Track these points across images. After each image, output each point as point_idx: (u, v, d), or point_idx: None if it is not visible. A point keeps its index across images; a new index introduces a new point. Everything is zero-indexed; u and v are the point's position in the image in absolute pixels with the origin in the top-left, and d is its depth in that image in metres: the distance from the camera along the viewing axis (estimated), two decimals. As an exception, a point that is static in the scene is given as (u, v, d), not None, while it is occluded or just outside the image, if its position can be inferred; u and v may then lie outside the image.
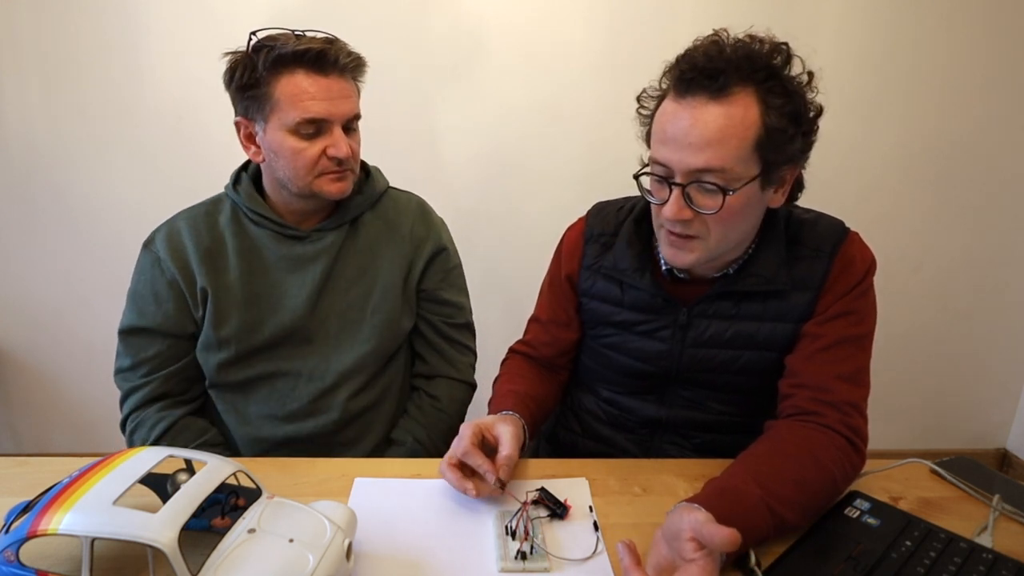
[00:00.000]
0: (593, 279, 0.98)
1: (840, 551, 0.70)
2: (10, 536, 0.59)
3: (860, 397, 0.84)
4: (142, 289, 1.01)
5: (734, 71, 0.76)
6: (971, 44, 1.75)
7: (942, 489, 0.84)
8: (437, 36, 1.72)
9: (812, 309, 0.87)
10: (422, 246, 1.09)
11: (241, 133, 0.98)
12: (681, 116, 0.78)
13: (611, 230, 0.98)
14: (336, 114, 0.94)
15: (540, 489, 0.80)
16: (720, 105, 0.76)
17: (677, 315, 0.92)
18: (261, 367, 1.02)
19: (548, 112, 1.80)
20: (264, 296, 1.01)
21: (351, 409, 1.03)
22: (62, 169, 1.80)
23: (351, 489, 0.82)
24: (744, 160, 0.77)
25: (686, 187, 0.79)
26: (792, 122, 0.78)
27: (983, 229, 1.93)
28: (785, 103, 0.77)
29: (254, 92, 0.93)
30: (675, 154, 0.78)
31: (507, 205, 1.88)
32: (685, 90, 0.78)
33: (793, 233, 0.89)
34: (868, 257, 0.88)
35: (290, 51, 0.90)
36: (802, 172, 0.86)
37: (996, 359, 2.06)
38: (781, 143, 0.78)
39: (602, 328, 0.99)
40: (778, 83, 0.77)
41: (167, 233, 1.02)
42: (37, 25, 1.68)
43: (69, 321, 1.94)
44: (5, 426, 2.07)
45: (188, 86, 1.72)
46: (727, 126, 0.76)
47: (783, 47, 0.80)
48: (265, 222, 1.01)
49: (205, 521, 0.68)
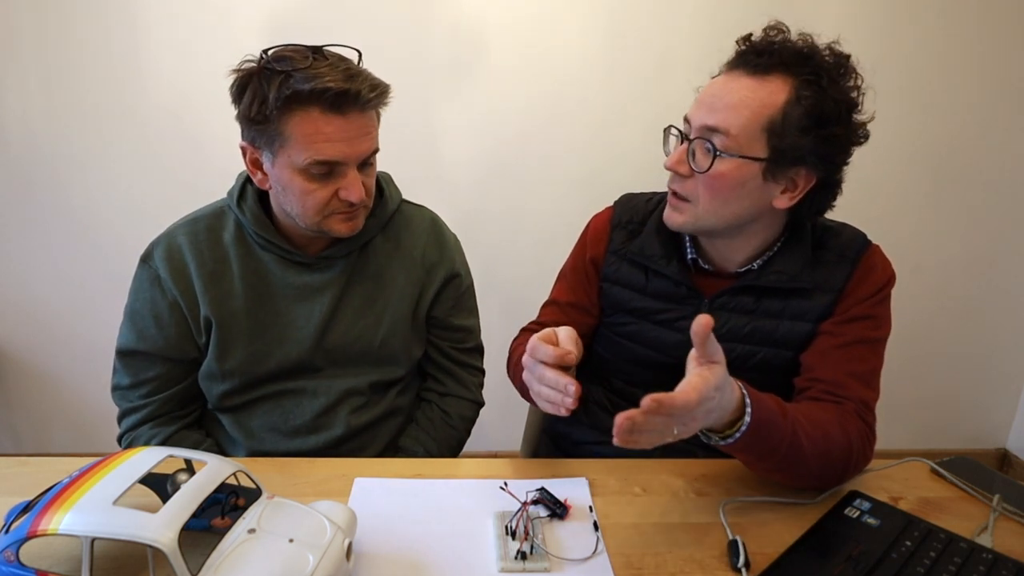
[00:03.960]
0: (618, 264, 0.99)
1: (840, 551, 0.70)
2: (10, 536, 0.59)
3: (871, 398, 0.86)
4: (142, 309, 0.96)
5: (780, 57, 0.80)
6: (971, 44, 1.75)
7: (942, 489, 0.84)
8: (437, 36, 1.72)
9: (831, 310, 0.89)
10: (434, 272, 1.05)
11: (247, 158, 0.91)
12: (718, 82, 0.84)
13: (639, 218, 1.00)
14: (352, 155, 0.86)
15: (540, 489, 0.80)
16: (753, 80, 0.81)
17: (698, 306, 0.93)
18: (264, 390, 0.99)
19: (548, 112, 1.80)
20: (270, 326, 0.97)
21: (355, 425, 1.01)
22: (63, 169, 1.80)
23: (351, 489, 0.82)
24: (750, 135, 0.80)
25: (692, 141, 0.83)
26: (813, 121, 0.79)
27: (983, 229, 1.93)
28: (816, 102, 0.79)
29: (263, 127, 0.85)
30: (697, 111, 0.84)
31: (507, 205, 1.88)
32: (734, 64, 0.84)
33: (819, 238, 0.92)
34: (889, 269, 0.92)
35: (307, 90, 0.80)
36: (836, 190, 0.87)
37: (996, 359, 2.06)
38: (791, 134, 0.79)
39: (620, 316, 0.99)
40: (818, 81, 0.79)
41: (167, 249, 0.95)
42: (38, 25, 1.68)
43: (69, 321, 1.94)
44: (5, 426, 2.07)
45: (189, 85, 1.72)
46: (749, 97, 0.80)
47: (845, 59, 0.82)
48: (271, 247, 0.96)
49: (205, 521, 0.68)
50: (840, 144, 0.82)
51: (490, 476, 0.85)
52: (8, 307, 1.94)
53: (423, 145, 1.81)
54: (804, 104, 0.78)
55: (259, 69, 0.84)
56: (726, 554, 0.71)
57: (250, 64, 0.86)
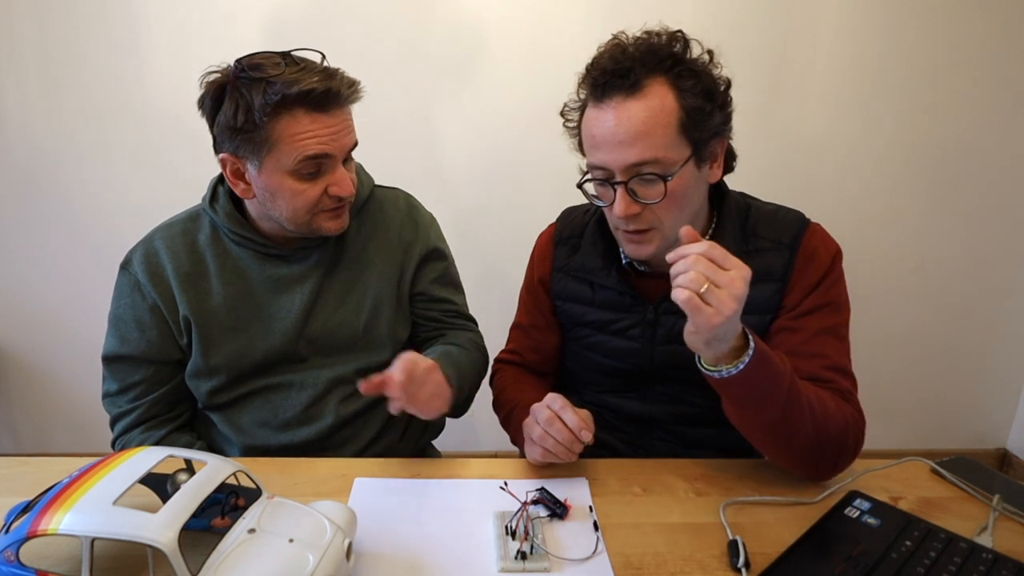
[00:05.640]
0: (564, 281, 1.01)
1: (840, 551, 0.70)
2: (10, 536, 0.59)
3: (851, 385, 0.86)
4: (123, 314, 0.97)
5: (641, 66, 0.80)
6: (970, 43, 1.75)
7: (942, 489, 0.84)
8: (437, 36, 1.72)
9: (779, 301, 0.88)
10: (410, 251, 1.06)
11: (227, 169, 0.91)
12: (605, 118, 0.82)
13: (578, 232, 1.01)
14: (339, 149, 0.89)
15: (540, 489, 0.80)
16: (637, 100, 0.80)
17: (644, 312, 0.93)
18: (253, 384, 1.00)
19: (548, 112, 1.79)
20: (252, 320, 0.98)
21: (344, 414, 1.02)
22: (63, 169, 1.80)
23: (351, 489, 0.82)
24: (674, 145, 0.81)
25: (627, 183, 0.82)
26: (707, 99, 0.82)
27: (983, 229, 1.92)
28: (695, 83, 0.81)
29: (250, 135, 0.86)
30: (609, 155, 0.82)
31: (507, 204, 1.88)
32: (602, 94, 0.83)
33: (752, 225, 0.91)
34: (832, 247, 0.90)
35: (294, 93, 0.83)
36: (730, 143, 0.89)
37: (996, 359, 2.06)
38: (702, 121, 0.81)
39: (579, 329, 1.01)
40: (684, 67, 0.82)
41: (144, 255, 0.97)
42: (38, 25, 1.68)
43: (69, 321, 1.94)
44: (5, 426, 2.07)
45: (189, 86, 1.69)
46: (649, 118, 0.80)
47: (679, 34, 0.84)
48: (246, 242, 0.97)
49: (205, 521, 0.68)
50: (728, 99, 0.85)
51: (490, 476, 0.85)
52: (8, 307, 1.94)
53: (423, 145, 1.81)
54: (692, 91, 0.80)
55: (234, 79, 0.85)
56: (726, 554, 0.71)
57: (215, 75, 0.88)
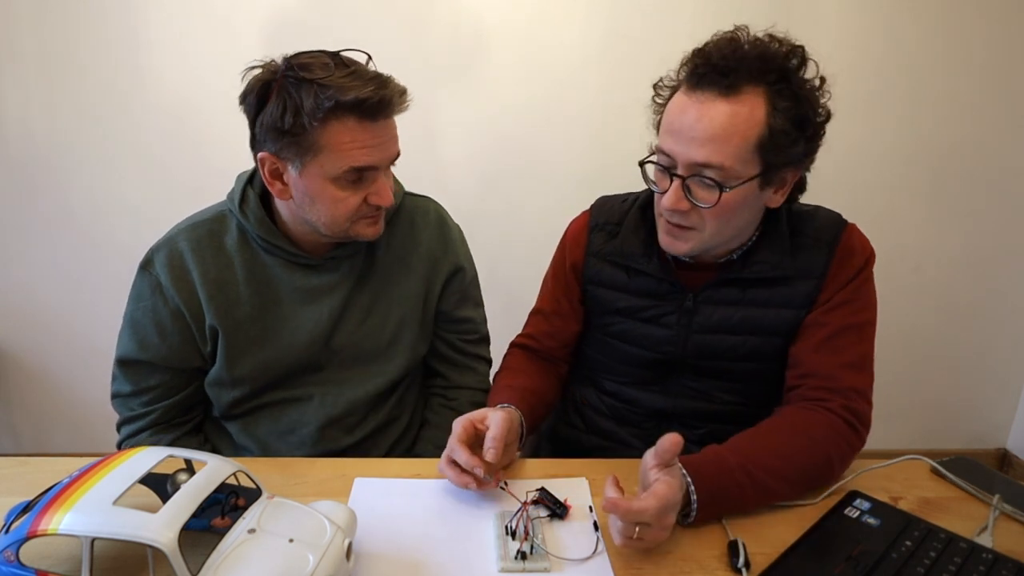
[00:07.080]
0: (599, 266, 0.99)
1: (840, 551, 0.70)
2: (10, 536, 0.59)
3: (865, 384, 0.87)
4: (143, 318, 0.94)
5: (746, 70, 0.77)
6: (970, 43, 1.75)
7: (942, 489, 0.84)
8: (437, 36, 1.72)
9: (815, 297, 0.89)
10: (439, 267, 1.04)
11: (265, 169, 0.87)
12: (689, 110, 0.80)
13: (616, 219, 1.00)
14: (385, 160, 0.88)
15: (540, 489, 0.80)
16: (728, 102, 0.78)
17: (683, 300, 0.93)
18: (272, 396, 0.99)
19: (548, 112, 1.80)
20: (278, 331, 0.96)
21: (358, 434, 1.01)
22: (63, 169, 1.80)
23: (351, 489, 0.82)
24: (744, 159, 0.79)
25: (686, 179, 0.81)
26: (797, 126, 0.79)
27: (983, 229, 1.92)
28: (792, 107, 0.78)
29: (297, 138, 0.82)
30: (679, 146, 0.80)
31: (507, 205, 1.88)
32: (696, 84, 0.80)
33: (794, 224, 0.91)
34: (868, 248, 0.91)
35: (348, 100, 0.80)
36: (805, 175, 0.88)
37: (996, 359, 2.06)
38: (783, 146, 0.79)
39: (608, 317, 1.00)
40: (788, 86, 0.79)
41: (168, 256, 0.93)
42: (38, 25, 1.68)
43: (69, 321, 1.94)
44: (5, 426, 2.07)
45: (190, 86, 1.72)
46: (732, 124, 0.77)
47: (799, 49, 0.81)
48: (277, 250, 0.94)
49: (205, 521, 0.68)
50: (821, 133, 0.83)
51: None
52: (8, 307, 1.94)
53: (423, 145, 1.81)
54: (784, 114, 0.78)
55: (281, 77, 0.82)
56: (726, 554, 0.71)
57: (258, 69, 0.84)
